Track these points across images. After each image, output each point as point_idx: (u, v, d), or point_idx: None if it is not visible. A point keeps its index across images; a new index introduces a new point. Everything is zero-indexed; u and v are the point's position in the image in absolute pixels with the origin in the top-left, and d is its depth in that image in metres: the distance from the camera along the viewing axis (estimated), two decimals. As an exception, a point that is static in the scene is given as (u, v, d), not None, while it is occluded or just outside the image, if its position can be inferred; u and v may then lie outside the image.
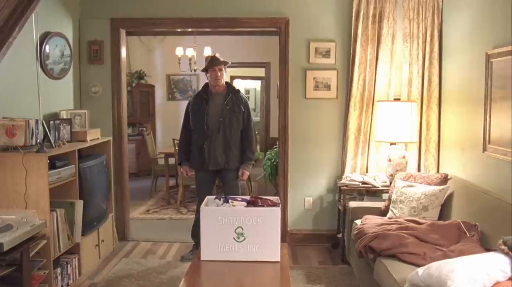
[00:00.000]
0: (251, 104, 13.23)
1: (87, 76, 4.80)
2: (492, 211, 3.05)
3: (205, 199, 3.13)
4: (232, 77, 11.18)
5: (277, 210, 2.91)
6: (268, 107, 9.93)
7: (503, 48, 3.18)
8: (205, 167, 4.17)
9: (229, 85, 4.33)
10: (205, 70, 4.20)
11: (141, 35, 8.25)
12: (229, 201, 3.06)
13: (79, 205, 3.74)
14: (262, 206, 3.00)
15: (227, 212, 2.87)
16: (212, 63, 4.13)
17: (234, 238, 2.83)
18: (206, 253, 2.85)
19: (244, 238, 2.83)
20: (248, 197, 3.13)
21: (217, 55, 4.24)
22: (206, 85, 4.30)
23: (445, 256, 2.73)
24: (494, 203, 3.08)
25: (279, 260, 2.87)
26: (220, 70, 4.14)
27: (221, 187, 4.47)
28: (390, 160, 4.37)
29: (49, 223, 3.30)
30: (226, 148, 4.15)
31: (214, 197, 3.16)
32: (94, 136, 4.24)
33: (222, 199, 3.07)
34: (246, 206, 3.01)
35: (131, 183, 5.33)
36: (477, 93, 3.60)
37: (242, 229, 2.83)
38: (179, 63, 7.36)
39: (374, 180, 4.37)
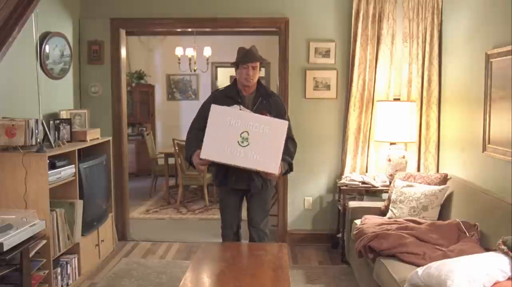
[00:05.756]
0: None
1: (87, 76, 4.80)
2: (492, 211, 3.05)
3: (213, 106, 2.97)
4: (232, 77, 11.18)
5: (286, 123, 2.90)
6: (268, 107, 9.91)
7: (503, 48, 3.18)
8: (236, 185, 3.31)
9: (260, 86, 3.35)
10: (235, 65, 3.32)
11: (141, 35, 8.26)
12: (240, 106, 3.03)
13: (79, 205, 3.74)
14: None
15: (238, 114, 2.83)
16: (246, 59, 3.22)
17: (238, 142, 2.79)
18: (207, 152, 2.81)
19: (248, 144, 2.79)
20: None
21: (254, 48, 3.31)
22: (235, 82, 3.39)
23: (445, 256, 2.73)
24: (494, 203, 3.08)
25: (277, 172, 2.87)
26: (254, 68, 3.23)
27: (247, 209, 3.51)
28: (389, 160, 4.37)
29: (49, 223, 3.30)
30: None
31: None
32: (94, 136, 4.24)
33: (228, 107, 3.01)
34: None
35: (131, 183, 5.33)
36: (477, 93, 3.60)
37: (248, 134, 2.79)
38: (179, 63, 7.37)
39: (374, 179, 4.38)
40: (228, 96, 3.28)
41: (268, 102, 3.28)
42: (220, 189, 3.43)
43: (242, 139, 2.80)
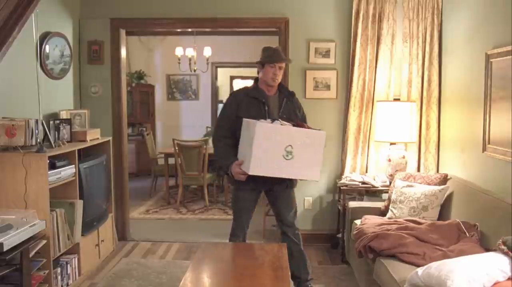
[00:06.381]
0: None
1: (87, 76, 4.80)
2: (492, 211, 3.05)
3: (247, 120, 3.09)
4: (232, 77, 11.18)
5: (324, 133, 3.08)
6: (268, 107, 9.92)
7: (503, 48, 3.18)
8: (260, 187, 3.33)
9: (282, 86, 3.43)
10: (261, 64, 3.30)
11: (141, 35, 8.26)
12: (279, 120, 3.12)
13: (79, 205, 3.74)
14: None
15: (281, 130, 2.97)
16: (273, 58, 3.25)
17: (283, 156, 2.94)
18: (255, 169, 2.94)
19: (292, 157, 2.95)
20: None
21: (280, 49, 3.41)
22: (256, 81, 3.39)
23: (445, 256, 2.73)
24: (494, 203, 3.08)
25: (318, 179, 3.16)
26: (281, 68, 3.28)
27: (273, 205, 3.50)
28: (389, 160, 4.37)
29: (49, 223, 3.30)
30: None
31: (259, 119, 3.06)
32: (94, 136, 4.24)
33: (269, 120, 3.11)
34: None
35: (131, 183, 5.33)
36: (477, 93, 3.60)
37: (292, 148, 2.94)
38: (179, 63, 7.37)
39: (374, 180, 4.38)
40: (251, 96, 3.29)
41: (292, 102, 3.39)
42: (238, 189, 3.34)
43: (286, 153, 2.96)
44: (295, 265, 3.44)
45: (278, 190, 3.36)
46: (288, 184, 3.36)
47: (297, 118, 3.34)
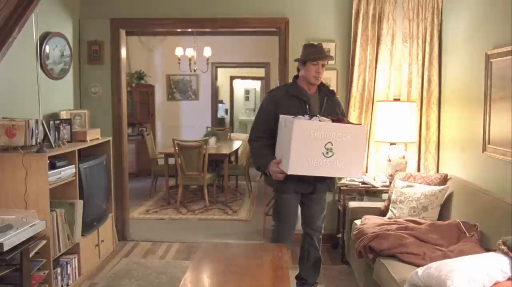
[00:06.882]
0: (250, 105, 13.21)
1: (87, 76, 4.80)
2: (492, 211, 3.05)
3: (284, 117, 2.96)
4: (232, 77, 11.19)
5: (364, 128, 2.99)
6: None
7: (503, 48, 3.18)
8: (303, 190, 3.20)
9: (322, 84, 3.28)
10: (302, 61, 3.18)
11: (141, 35, 8.27)
12: (317, 116, 2.98)
13: (79, 205, 3.74)
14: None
15: (321, 127, 2.83)
16: (317, 55, 3.12)
17: (323, 153, 2.82)
18: (294, 168, 2.83)
19: (333, 154, 2.82)
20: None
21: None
22: (296, 79, 3.29)
23: (445, 256, 2.73)
24: (494, 203, 3.08)
25: (360, 176, 2.98)
26: (323, 66, 3.15)
27: (307, 207, 3.36)
28: (389, 160, 4.37)
29: (49, 223, 3.30)
30: None
31: (293, 116, 2.94)
32: (94, 136, 4.24)
33: (307, 116, 2.97)
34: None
35: (131, 183, 5.33)
36: (477, 93, 3.60)
37: (332, 145, 2.82)
38: (179, 63, 7.38)
39: (374, 180, 4.38)
40: (291, 94, 3.16)
41: (332, 101, 3.26)
42: (282, 191, 3.20)
43: (326, 151, 2.83)
44: (307, 268, 3.45)
45: (319, 191, 3.24)
46: (330, 186, 3.27)
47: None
